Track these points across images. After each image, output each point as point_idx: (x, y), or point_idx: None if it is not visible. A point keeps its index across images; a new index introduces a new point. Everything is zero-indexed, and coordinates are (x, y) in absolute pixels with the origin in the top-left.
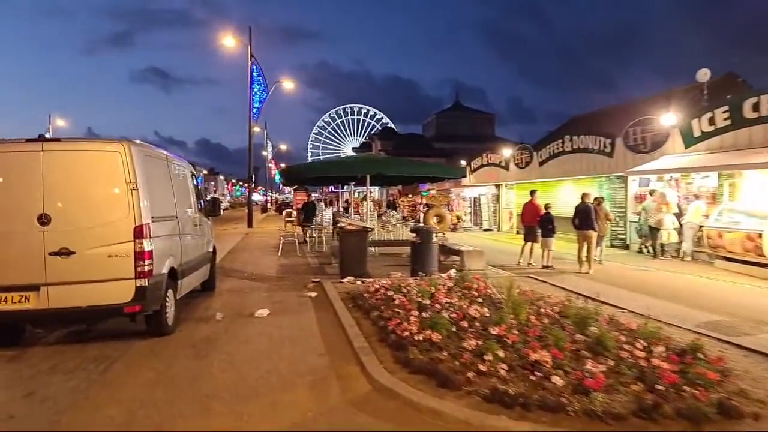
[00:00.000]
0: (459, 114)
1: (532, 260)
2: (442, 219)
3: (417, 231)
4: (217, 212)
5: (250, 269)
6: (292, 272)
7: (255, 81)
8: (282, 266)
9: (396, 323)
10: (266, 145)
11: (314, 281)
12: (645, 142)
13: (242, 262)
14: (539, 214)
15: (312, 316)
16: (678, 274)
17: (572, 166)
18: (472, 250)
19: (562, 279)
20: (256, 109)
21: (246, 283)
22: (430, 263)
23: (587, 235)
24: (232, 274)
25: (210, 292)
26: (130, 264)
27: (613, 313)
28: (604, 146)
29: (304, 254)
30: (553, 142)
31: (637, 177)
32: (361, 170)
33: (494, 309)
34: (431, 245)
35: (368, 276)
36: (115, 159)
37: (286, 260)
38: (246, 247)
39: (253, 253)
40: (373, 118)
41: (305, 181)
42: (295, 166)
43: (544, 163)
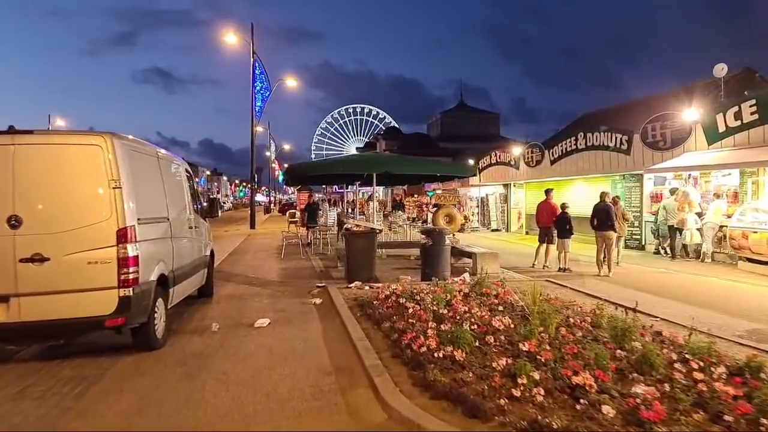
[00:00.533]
0: (463, 114)
1: (547, 263)
2: (452, 219)
3: (428, 233)
4: (214, 213)
5: (251, 273)
6: (295, 276)
7: (257, 79)
8: (285, 270)
9: (411, 336)
10: (269, 146)
11: (319, 286)
12: (665, 139)
13: (243, 265)
14: (555, 214)
15: (317, 327)
16: (702, 277)
17: (586, 164)
18: (485, 252)
19: (583, 283)
20: (258, 108)
21: (246, 288)
22: (442, 267)
23: (606, 236)
24: (232, 279)
25: (207, 299)
26: (112, 271)
27: (646, 323)
28: (620, 143)
29: (308, 257)
30: (566, 139)
31: (652, 175)
32: (368, 168)
33: (519, 320)
34: (443, 248)
35: (377, 281)
36: (95, 154)
37: (288, 263)
38: (247, 249)
39: (254, 255)
40: (377, 118)
41: (310, 180)
42: (299, 165)
43: (555, 162)
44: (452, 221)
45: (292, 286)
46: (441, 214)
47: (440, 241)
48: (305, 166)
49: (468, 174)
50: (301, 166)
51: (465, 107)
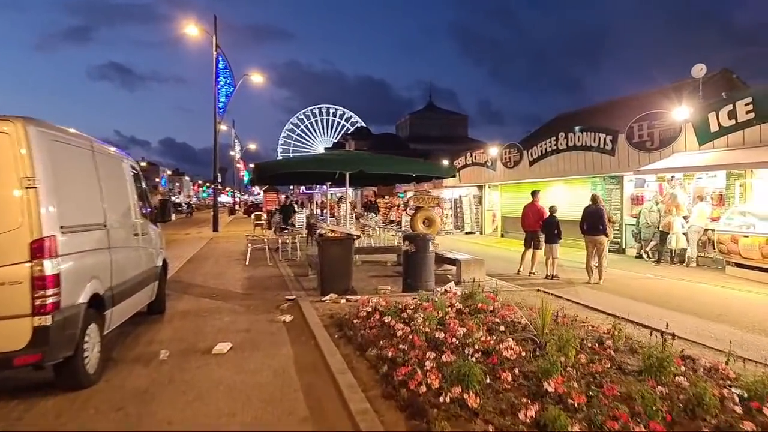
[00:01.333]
0: (432, 115)
1: (534, 269)
2: (431, 223)
3: (411, 238)
4: (167, 217)
5: (212, 283)
6: (261, 287)
7: (221, 74)
8: (250, 279)
9: (406, 372)
10: (234, 145)
11: (289, 299)
12: (652, 139)
13: (203, 273)
14: (542, 217)
15: (288, 353)
16: (694, 284)
17: (567, 165)
18: (470, 259)
19: (576, 292)
20: (222, 104)
21: (205, 302)
22: (426, 276)
23: (598, 241)
24: (190, 290)
25: (158, 316)
26: (24, 295)
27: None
28: (604, 143)
29: (275, 263)
30: (545, 139)
31: (633, 177)
32: (342, 167)
33: (529, 344)
34: (428, 255)
35: (354, 293)
36: (2, 144)
37: (254, 271)
38: (209, 254)
39: (216, 262)
40: (345, 119)
41: (278, 179)
42: (267, 163)
43: (535, 162)
44: (432, 225)
45: (258, 299)
46: (419, 217)
47: (424, 247)
48: (275, 163)
49: (448, 174)
50: (271, 164)
51: (434, 108)
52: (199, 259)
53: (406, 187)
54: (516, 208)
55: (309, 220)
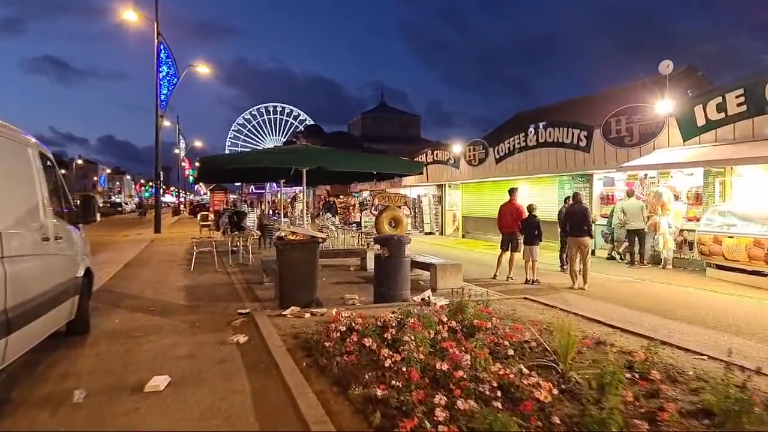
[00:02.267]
0: (385, 115)
1: (512, 274)
2: (398, 223)
3: (384, 241)
4: (90, 217)
5: (150, 293)
6: (209, 298)
7: (163, 63)
8: (195, 288)
9: (413, 427)
10: (178, 142)
11: (242, 313)
12: (631, 134)
13: (140, 281)
14: (521, 217)
15: (243, 389)
16: (681, 287)
17: (538, 163)
18: (446, 264)
19: (565, 300)
20: (164, 96)
21: (140, 318)
22: (401, 284)
23: (582, 242)
24: (123, 303)
25: (80, 338)
26: None
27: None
28: (578, 139)
29: (225, 269)
30: (513, 136)
31: (603, 176)
32: (300, 162)
33: (554, 375)
34: (403, 260)
35: (319, 305)
36: None
37: (201, 278)
38: (149, 258)
39: (156, 267)
40: (294, 118)
41: (226, 176)
42: (214, 157)
43: (502, 160)
44: (398, 225)
45: (206, 313)
46: (385, 217)
47: (399, 251)
48: (223, 158)
49: (417, 171)
50: (218, 159)
51: (386, 108)
52: (137, 264)
53: (362, 186)
54: (478, 208)
55: (261, 221)
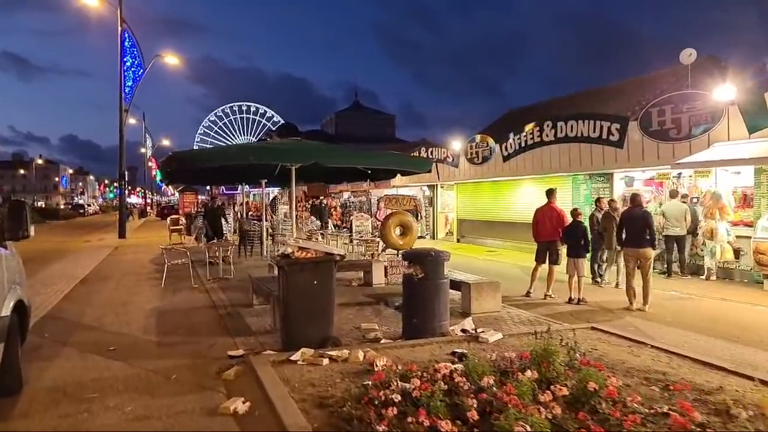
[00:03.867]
0: (359, 114)
1: (550, 291)
2: (407, 230)
3: (417, 259)
4: (20, 231)
5: (110, 321)
6: (187, 328)
7: (127, 53)
8: (169, 313)
9: None
10: (145, 141)
11: (233, 357)
12: (679, 126)
13: (99, 303)
14: (563, 223)
15: None
16: (746, 305)
17: (555, 161)
18: (481, 283)
19: (635, 327)
20: (129, 89)
21: (95, 364)
22: (439, 314)
23: (643, 254)
24: (74, 337)
25: (4, 402)
26: None
27: None
28: (609, 133)
29: (202, 284)
30: (525, 131)
31: (624, 175)
32: (291, 158)
33: None
34: (442, 283)
35: (337, 343)
36: None
37: (174, 298)
38: (111, 271)
39: (119, 283)
40: (265, 118)
41: (199, 176)
42: (186, 153)
43: (510, 158)
44: (407, 233)
45: (184, 355)
46: (392, 223)
47: (437, 272)
48: (197, 154)
49: (426, 169)
50: (192, 155)
51: (360, 107)
52: (97, 279)
53: (342, 187)
54: (475, 210)
55: (242, 226)
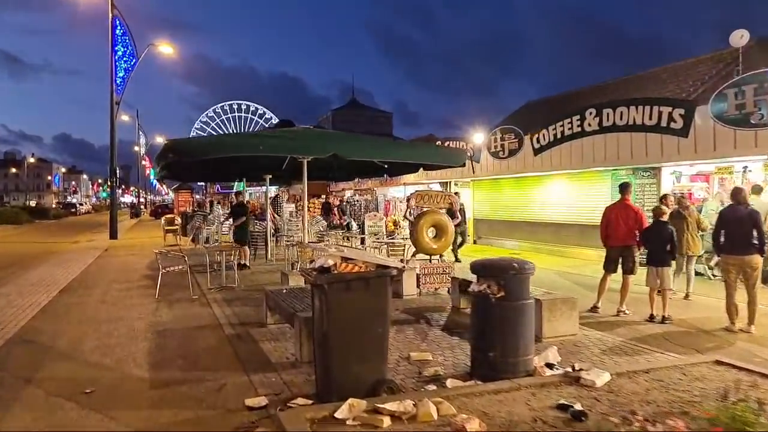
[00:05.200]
0: (356, 112)
1: (624, 306)
2: (441, 233)
3: (492, 273)
4: None
5: (91, 348)
6: (189, 360)
7: (118, 41)
8: (164, 336)
9: None
10: (138, 139)
11: (254, 409)
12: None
13: (80, 321)
14: (641, 224)
15: None
16: None
17: (599, 153)
18: (554, 299)
19: (756, 355)
20: (120, 79)
21: (61, 418)
22: (523, 346)
23: (750, 263)
24: (43, 372)
25: None
26: None
27: None
28: (670, 120)
29: (203, 295)
30: (561, 120)
31: (674, 169)
32: (308, 149)
33: None
34: (527, 306)
35: (394, 389)
36: None
37: (171, 314)
38: (98, 277)
39: (107, 293)
40: (260, 116)
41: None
42: (186, 142)
43: (543, 150)
44: (442, 235)
45: (187, 405)
46: (424, 224)
47: (520, 290)
48: (202, 143)
49: (459, 162)
50: (194, 145)
51: (358, 105)
52: (81, 288)
53: (343, 185)
54: (494, 209)
55: None
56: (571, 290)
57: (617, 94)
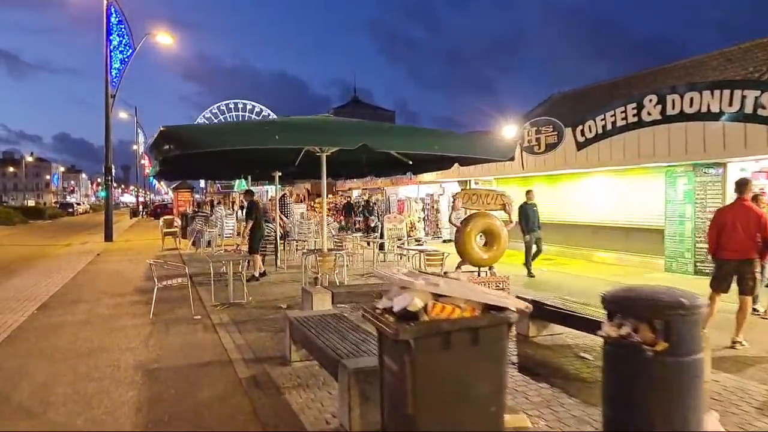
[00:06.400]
0: (358, 110)
1: (740, 336)
2: (493, 240)
3: (645, 311)
4: None
5: (60, 402)
6: (189, 423)
7: (114, 30)
8: (156, 379)
9: None
10: (137, 137)
11: None
12: None
13: (50, 356)
14: (765, 231)
15: None
16: None
17: (661, 146)
18: None
19: None
20: (116, 71)
21: None
22: (695, 420)
23: None
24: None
25: None
26: None
27: None
28: (756, 106)
29: (206, 315)
30: (614, 109)
31: (740, 164)
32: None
33: None
34: (696, 363)
35: None
36: None
37: (167, 342)
38: (85, 290)
39: (93, 312)
40: (261, 115)
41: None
42: (186, 130)
43: (588, 144)
44: (494, 243)
45: None
46: (473, 229)
47: (689, 338)
48: (204, 131)
49: (507, 155)
50: (195, 132)
51: (359, 103)
52: (63, 303)
53: (350, 184)
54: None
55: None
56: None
57: (654, 85)
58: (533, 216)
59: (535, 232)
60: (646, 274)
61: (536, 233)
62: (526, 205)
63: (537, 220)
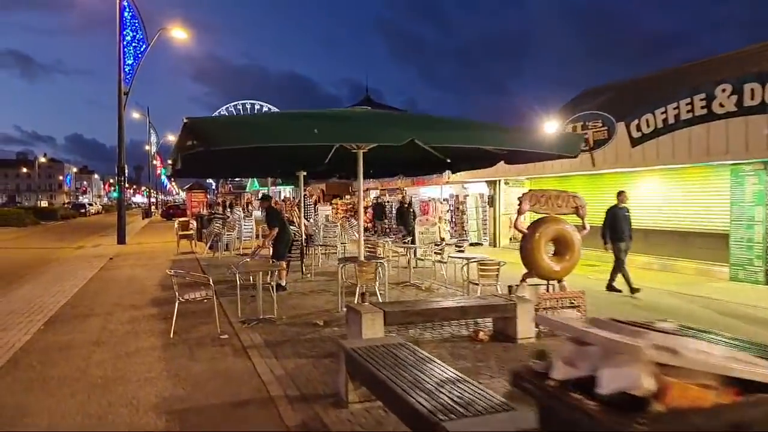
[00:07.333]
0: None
1: None
2: (565, 248)
3: None
4: None
5: None
6: None
7: (127, 26)
8: (185, 424)
9: None
10: (149, 137)
11: None
12: None
13: (56, 388)
14: None
15: None
16: None
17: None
18: None
19: None
20: (129, 67)
21: None
22: None
23: None
24: None
25: None
26: None
27: None
28: None
29: (235, 335)
30: (678, 100)
31: None
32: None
33: None
34: None
35: None
36: None
37: (192, 372)
38: (97, 301)
39: (105, 328)
40: None
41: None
42: (214, 122)
43: (644, 140)
44: (566, 253)
45: None
46: (542, 236)
47: None
48: (235, 124)
49: (576, 151)
50: (224, 126)
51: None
52: (73, 318)
53: (368, 184)
54: None
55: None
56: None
57: (704, 77)
58: (626, 222)
59: (625, 241)
60: (709, 284)
61: (626, 243)
62: (617, 209)
63: (629, 227)
